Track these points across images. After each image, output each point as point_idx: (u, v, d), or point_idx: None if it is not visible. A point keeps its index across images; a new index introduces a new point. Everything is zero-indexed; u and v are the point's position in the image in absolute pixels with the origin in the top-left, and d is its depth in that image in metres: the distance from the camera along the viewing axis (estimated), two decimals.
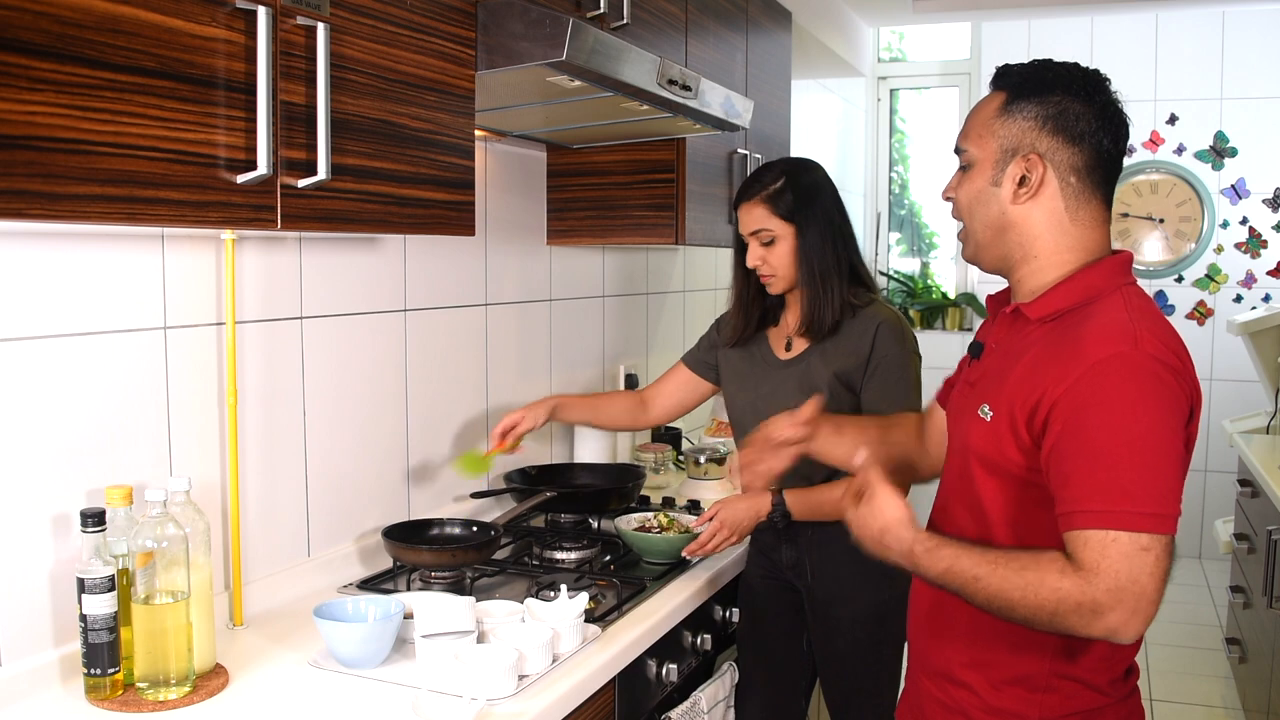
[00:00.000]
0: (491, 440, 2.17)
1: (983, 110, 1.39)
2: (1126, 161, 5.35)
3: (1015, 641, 1.35)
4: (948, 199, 1.44)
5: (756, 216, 2.05)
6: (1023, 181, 1.34)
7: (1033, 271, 1.37)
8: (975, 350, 1.47)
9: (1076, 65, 1.37)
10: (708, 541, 2.03)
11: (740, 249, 2.13)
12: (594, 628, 1.69)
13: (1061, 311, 1.33)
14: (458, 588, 1.89)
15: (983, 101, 1.41)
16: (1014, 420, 1.29)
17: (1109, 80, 1.37)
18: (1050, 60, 1.39)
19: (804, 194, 2.03)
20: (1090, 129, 1.33)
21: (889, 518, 1.34)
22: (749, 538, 2.20)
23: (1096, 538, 1.18)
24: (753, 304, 2.15)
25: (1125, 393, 1.20)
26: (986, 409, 1.35)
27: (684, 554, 2.05)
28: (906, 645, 1.60)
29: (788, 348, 2.11)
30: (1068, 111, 1.33)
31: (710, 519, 2.04)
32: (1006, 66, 1.41)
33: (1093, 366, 1.22)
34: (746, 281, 2.14)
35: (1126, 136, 1.37)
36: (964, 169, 1.40)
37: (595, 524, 2.34)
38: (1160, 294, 5.44)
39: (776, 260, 2.04)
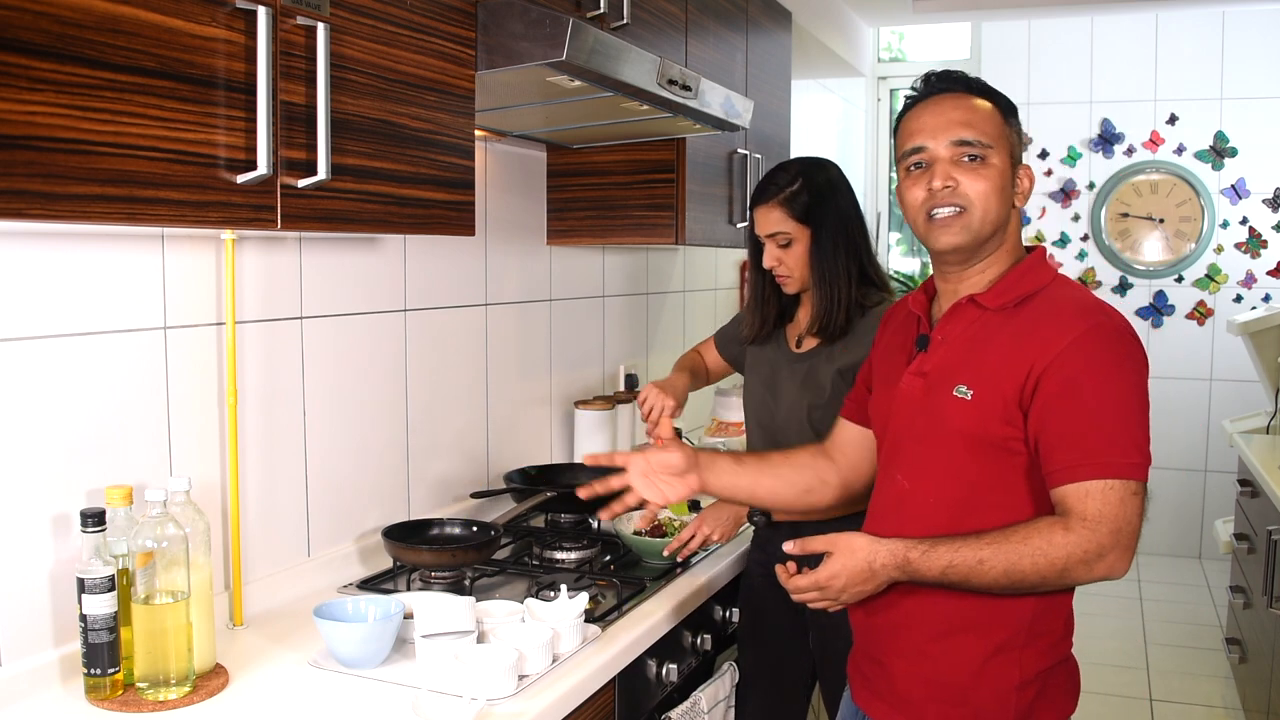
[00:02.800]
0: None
1: (990, 114, 1.47)
2: (1126, 161, 5.39)
3: (986, 616, 1.43)
4: (948, 186, 1.43)
5: (774, 219, 2.05)
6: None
7: (990, 263, 1.49)
8: (923, 343, 1.53)
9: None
10: (687, 540, 2.05)
11: (755, 249, 2.13)
12: (594, 628, 1.69)
13: (1018, 299, 1.45)
14: (458, 588, 1.89)
15: (976, 104, 1.47)
16: (1004, 398, 1.40)
17: None
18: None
19: (819, 195, 2.03)
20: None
21: (866, 551, 1.42)
22: (751, 537, 2.20)
23: (1098, 487, 1.33)
24: (767, 303, 2.16)
25: (1109, 358, 1.37)
26: (964, 389, 1.43)
27: (664, 553, 2.06)
28: (868, 634, 1.59)
29: (798, 344, 2.12)
30: (1021, 134, 1.53)
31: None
32: (965, 76, 1.50)
33: (1078, 337, 1.37)
34: (762, 281, 2.15)
35: None
36: (976, 159, 1.45)
37: (595, 524, 2.34)
38: (1160, 294, 5.44)
39: (793, 261, 2.05)
